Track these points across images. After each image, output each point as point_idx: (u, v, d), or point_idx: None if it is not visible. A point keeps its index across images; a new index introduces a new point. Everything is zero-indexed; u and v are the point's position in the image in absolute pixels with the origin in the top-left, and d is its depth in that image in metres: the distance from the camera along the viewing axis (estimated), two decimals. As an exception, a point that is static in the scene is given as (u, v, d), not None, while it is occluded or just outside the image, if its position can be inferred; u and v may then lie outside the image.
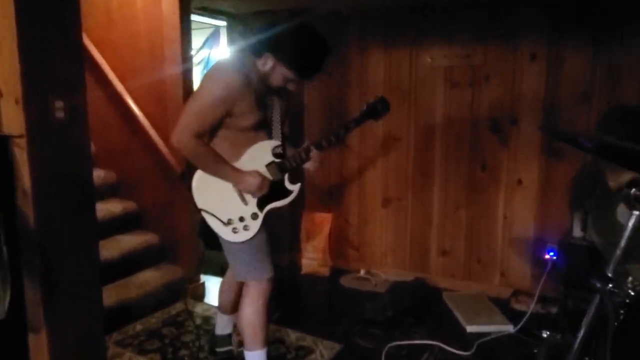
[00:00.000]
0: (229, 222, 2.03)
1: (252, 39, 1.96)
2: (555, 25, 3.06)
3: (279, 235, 3.59)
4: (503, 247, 3.38)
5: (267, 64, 1.93)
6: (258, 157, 2.05)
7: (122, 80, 3.30)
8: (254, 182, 2.00)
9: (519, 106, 3.22)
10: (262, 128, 2.04)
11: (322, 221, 3.82)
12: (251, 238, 2.04)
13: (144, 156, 3.35)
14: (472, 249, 3.47)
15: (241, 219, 2.04)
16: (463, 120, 3.38)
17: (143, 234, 3.38)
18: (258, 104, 1.95)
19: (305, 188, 3.92)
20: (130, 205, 3.43)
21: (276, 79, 1.96)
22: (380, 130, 3.63)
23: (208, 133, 2.01)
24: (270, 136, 2.06)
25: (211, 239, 2.10)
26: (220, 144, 2.02)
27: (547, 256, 3.02)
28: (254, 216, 2.05)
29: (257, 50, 1.94)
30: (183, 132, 1.90)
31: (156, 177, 3.35)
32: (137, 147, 3.36)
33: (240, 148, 2.03)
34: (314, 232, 3.81)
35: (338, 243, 3.88)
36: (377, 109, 2.16)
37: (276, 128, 2.06)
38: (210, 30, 4.76)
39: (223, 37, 4.65)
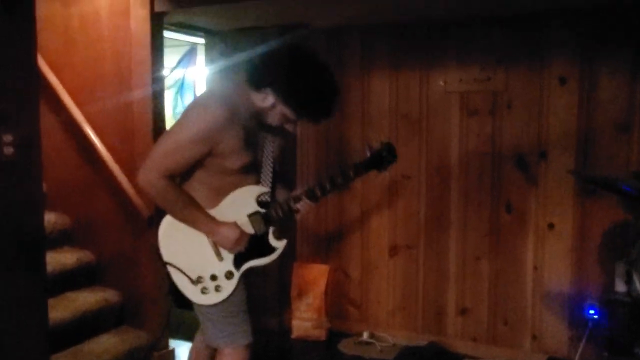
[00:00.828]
0: (198, 281, 2.02)
1: (252, 68, 1.98)
2: (588, 43, 3.10)
3: (265, 292, 3.56)
4: (534, 305, 3.34)
5: (266, 100, 1.95)
6: (240, 205, 2.05)
7: (82, 108, 3.33)
8: (229, 235, 2.00)
9: (547, 138, 3.24)
10: (251, 171, 2.05)
11: (317, 275, 3.80)
12: (225, 299, 2.04)
13: (104, 196, 3.35)
14: (497, 307, 3.43)
15: (213, 278, 2.03)
16: (483, 155, 3.38)
17: (101, 291, 3.34)
18: (247, 144, 1.97)
19: (296, 235, 3.91)
20: (87, 256, 3.41)
21: (274, 118, 1.99)
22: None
23: (183, 173, 2.02)
24: (258, 181, 2.07)
25: (183, 297, 2.07)
26: (197, 188, 2.02)
27: (586, 315, 2.99)
28: (229, 275, 2.05)
29: (256, 83, 1.95)
30: (151, 170, 1.91)
31: (119, 222, 3.34)
32: (96, 186, 3.36)
33: (221, 194, 2.03)
34: (307, 288, 3.81)
35: (336, 300, 3.84)
36: (381, 158, 2.13)
37: (266, 172, 2.08)
38: (186, 48, 4.86)
39: (200, 56, 4.72)
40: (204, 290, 2.03)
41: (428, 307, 3.61)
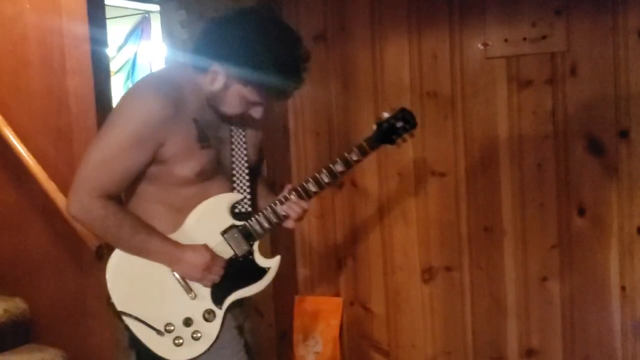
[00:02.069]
0: (167, 330, 2.03)
1: (194, 43, 2.04)
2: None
3: (259, 338, 3.62)
4: (624, 337, 3.28)
5: (216, 80, 1.99)
6: (209, 221, 2.08)
7: (1, 109, 3.33)
8: (195, 261, 2.02)
9: (628, 111, 3.19)
10: (217, 177, 2.09)
11: (328, 311, 3.79)
12: (208, 351, 2.04)
13: (36, 224, 3.35)
14: (574, 344, 3.36)
15: (187, 323, 2.04)
16: (543, 139, 3.34)
17: (38, 351, 3.30)
18: (202, 142, 2.01)
19: (296, 257, 3.87)
20: (17, 306, 3.37)
21: (231, 103, 2.03)
22: (410, 161, 3.59)
23: (125, 192, 2.05)
24: (230, 188, 2.11)
25: (149, 352, 2.06)
26: (150, 209, 2.05)
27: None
28: (209, 315, 2.06)
29: (200, 62, 2.00)
30: (81, 191, 1.93)
31: (58, 258, 3.33)
32: (25, 210, 3.37)
33: (183, 212, 2.06)
34: (315, 330, 3.79)
35: (355, 345, 3.81)
36: (394, 129, 2.20)
37: (239, 175, 2.13)
38: (136, 19, 4.91)
39: (155, 28, 4.76)
40: (177, 342, 2.02)
41: (481, 350, 3.56)
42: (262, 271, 2.12)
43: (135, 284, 2.04)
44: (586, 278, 3.32)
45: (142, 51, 4.99)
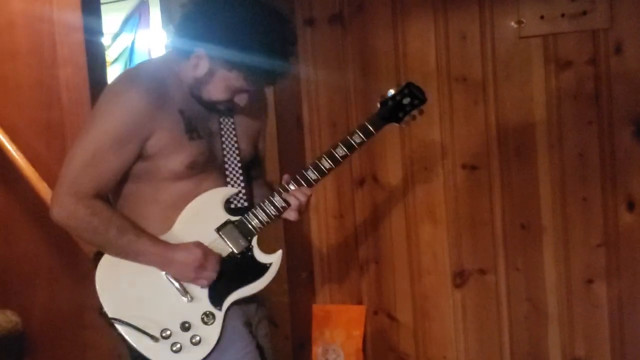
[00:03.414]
0: (164, 336, 2.02)
1: (174, 28, 2.07)
2: None
3: (273, 351, 3.54)
4: None
5: (199, 66, 2.01)
6: (203, 218, 2.10)
7: None
8: (186, 260, 2.02)
9: None
10: (209, 170, 2.11)
11: (349, 320, 3.75)
12: (210, 356, 2.04)
13: (28, 230, 3.33)
14: (624, 351, 3.28)
15: (185, 327, 2.04)
16: (585, 126, 3.26)
17: None
18: (190, 133, 2.04)
19: (312, 262, 3.84)
20: (7, 319, 3.32)
21: (216, 90, 2.05)
22: (437, 153, 3.53)
23: (111, 193, 2.07)
24: (222, 181, 2.13)
25: None
26: (139, 210, 2.07)
27: None
28: (208, 318, 2.06)
29: (182, 46, 2.03)
30: (64, 194, 1.96)
31: (52, 267, 3.31)
32: (15, 215, 3.35)
33: (173, 209, 2.08)
34: (335, 340, 3.75)
35: (380, 356, 3.77)
36: (401, 106, 2.20)
37: (232, 167, 2.15)
38: (133, 4, 5.02)
39: (154, 13, 4.81)
40: (174, 348, 2.02)
41: (520, 360, 3.51)
42: (264, 268, 2.12)
43: (127, 289, 2.06)
44: (636, 280, 3.26)
45: (140, 39, 5.10)
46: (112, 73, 3.99)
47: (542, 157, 3.34)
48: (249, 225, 2.11)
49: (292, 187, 2.13)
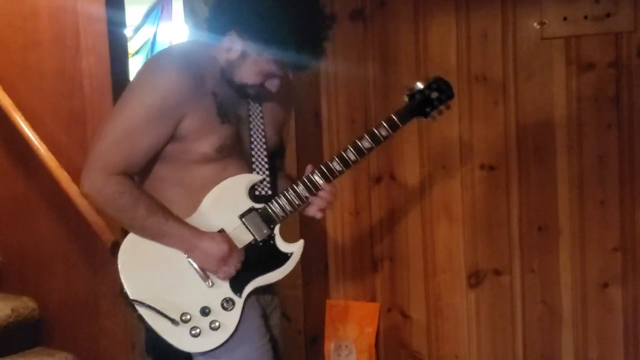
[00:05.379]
0: (183, 320, 2.03)
1: (209, 12, 2.08)
2: None
3: (286, 345, 3.58)
4: None
5: (233, 49, 2.01)
6: (226, 203, 2.10)
7: (8, 87, 3.31)
8: (211, 250, 2.03)
9: None
10: (235, 156, 2.12)
11: (363, 317, 3.76)
12: (227, 343, 2.04)
13: (46, 218, 3.34)
14: (638, 356, 3.28)
15: (205, 312, 2.05)
16: (605, 129, 3.26)
17: (46, 355, 3.30)
18: (222, 117, 2.05)
19: (327, 258, 3.85)
20: (25, 305, 3.36)
21: (248, 74, 2.04)
22: (455, 152, 3.53)
23: (141, 172, 2.06)
24: (248, 168, 2.13)
25: (169, 355, 2.09)
26: (166, 191, 2.07)
27: None
28: (228, 304, 2.07)
29: (215, 29, 2.04)
30: (95, 169, 1.96)
31: (70, 256, 3.31)
32: (34, 203, 3.36)
33: (198, 193, 2.08)
34: (348, 336, 3.76)
35: (393, 354, 3.77)
36: (428, 100, 2.21)
37: (258, 154, 2.16)
38: None
39: (177, 6, 4.82)
40: (194, 332, 2.03)
41: (534, 362, 3.49)
42: (285, 257, 2.13)
43: (149, 270, 2.06)
44: (654, 284, 3.25)
45: (161, 32, 5.03)
46: (134, 65, 4.01)
47: (561, 159, 3.34)
48: (272, 214, 2.11)
49: (315, 177, 2.13)
